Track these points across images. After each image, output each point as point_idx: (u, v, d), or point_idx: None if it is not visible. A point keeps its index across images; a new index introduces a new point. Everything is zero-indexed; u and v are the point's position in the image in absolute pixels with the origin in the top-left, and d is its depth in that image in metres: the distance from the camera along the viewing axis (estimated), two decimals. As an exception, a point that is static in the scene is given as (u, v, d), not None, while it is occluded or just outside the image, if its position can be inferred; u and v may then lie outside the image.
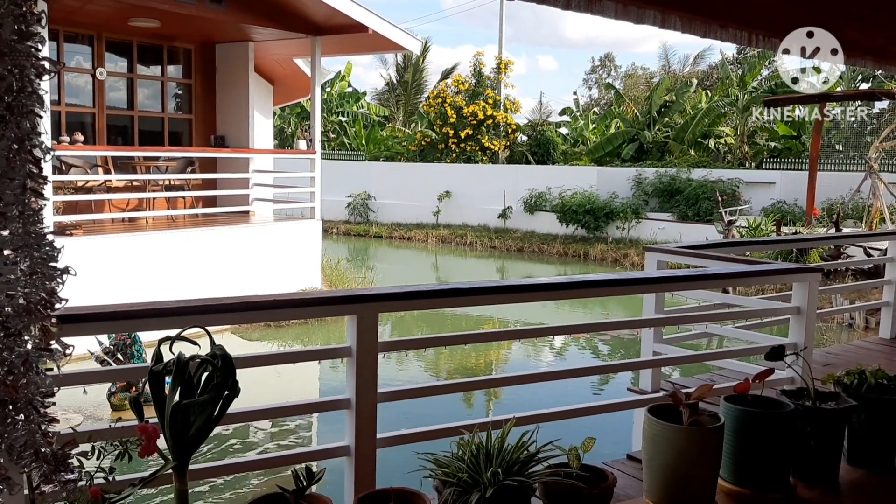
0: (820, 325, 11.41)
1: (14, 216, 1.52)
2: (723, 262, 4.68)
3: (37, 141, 1.55)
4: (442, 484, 2.08)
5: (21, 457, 1.53)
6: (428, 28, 79.09)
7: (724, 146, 26.22)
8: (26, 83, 1.52)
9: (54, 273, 1.59)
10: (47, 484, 1.58)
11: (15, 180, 1.51)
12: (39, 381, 1.56)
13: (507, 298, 3.79)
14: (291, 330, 11.82)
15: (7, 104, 1.50)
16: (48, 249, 1.59)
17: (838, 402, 2.68)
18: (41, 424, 1.57)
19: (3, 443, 1.52)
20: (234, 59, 14.31)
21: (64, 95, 12.65)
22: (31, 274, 1.55)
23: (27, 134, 1.53)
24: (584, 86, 46.25)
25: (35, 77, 1.53)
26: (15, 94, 1.50)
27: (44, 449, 1.55)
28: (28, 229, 1.55)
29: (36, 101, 1.54)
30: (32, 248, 1.55)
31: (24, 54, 1.50)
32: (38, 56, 1.54)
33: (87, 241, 10.36)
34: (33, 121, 1.54)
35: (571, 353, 11.71)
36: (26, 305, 1.53)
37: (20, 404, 1.53)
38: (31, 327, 1.55)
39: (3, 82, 1.48)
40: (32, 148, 1.54)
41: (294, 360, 3.06)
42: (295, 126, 30.54)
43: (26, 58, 1.51)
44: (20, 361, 1.52)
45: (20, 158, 1.51)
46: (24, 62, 1.50)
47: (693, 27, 4.00)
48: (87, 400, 7.96)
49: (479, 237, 23.15)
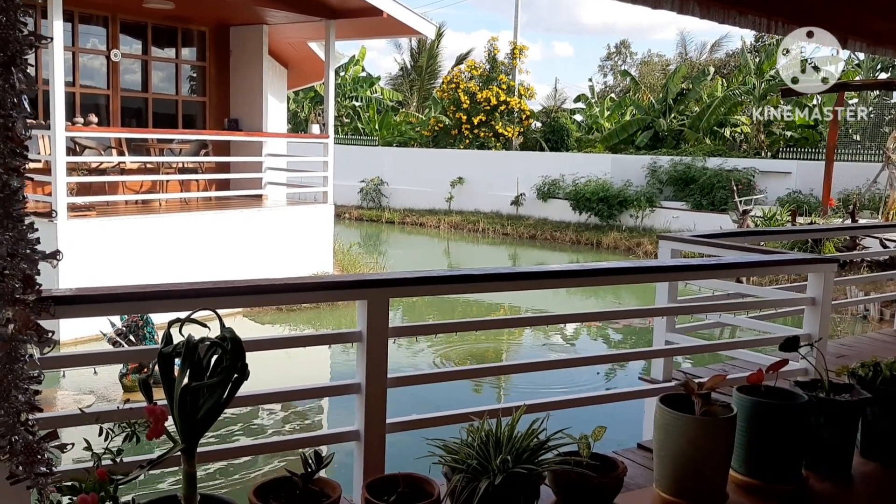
0: (834, 317, 11.32)
1: None
2: (737, 252, 4.64)
3: (20, 118, 1.49)
4: (451, 470, 2.07)
5: None
6: (443, 13, 78.63)
7: (740, 135, 26.02)
8: (10, 58, 1.46)
9: (34, 256, 1.55)
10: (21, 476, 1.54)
11: None
12: (21, 367, 1.52)
13: (519, 285, 3.77)
14: (303, 314, 11.84)
15: None
16: (27, 231, 1.53)
17: (852, 395, 2.65)
18: (21, 412, 1.52)
19: None
20: (249, 42, 14.29)
21: (78, 77, 12.67)
22: (10, 256, 1.50)
23: (9, 111, 1.47)
24: (600, 72, 46.00)
25: (19, 52, 1.47)
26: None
27: (16, 438, 1.52)
28: (7, 210, 1.49)
29: (20, 76, 1.48)
30: (10, 229, 1.50)
31: (5, 25, 1.44)
32: (24, 30, 1.48)
33: (100, 223, 10.40)
34: (18, 97, 1.49)
35: (583, 342, 11.68)
36: (3, 288, 1.49)
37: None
38: (9, 311, 1.51)
39: None
40: (13, 125, 1.48)
41: (304, 343, 3.05)
42: (309, 110, 30.51)
43: (9, 30, 1.45)
44: (0, 346, 1.48)
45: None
46: (7, 34, 1.45)
47: (711, 13, 3.95)
48: (99, 381, 8.02)
49: (492, 224, 23.09)
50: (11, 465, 1.53)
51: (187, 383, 1.72)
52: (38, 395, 1.58)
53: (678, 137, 26.44)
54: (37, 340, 1.55)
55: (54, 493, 1.61)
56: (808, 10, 4.51)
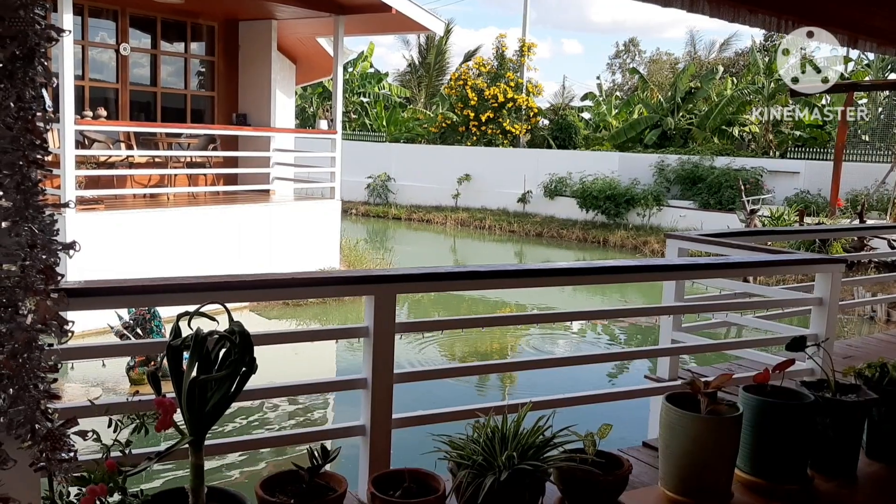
0: (841, 318, 11.29)
1: (13, 187, 1.49)
2: (744, 251, 4.63)
3: (39, 111, 1.51)
4: (456, 466, 2.08)
5: (18, 434, 1.51)
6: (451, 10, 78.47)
7: (748, 134, 25.93)
8: (29, 51, 1.47)
9: (54, 247, 1.57)
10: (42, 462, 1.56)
11: (16, 151, 1.47)
12: (39, 356, 1.54)
13: (525, 282, 3.77)
14: (310, 309, 11.87)
15: (9, 72, 1.46)
16: (48, 223, 1.55)
17: (859, 395, 2.64)
18: (40, 400, 1.54)
19: (3, 418, 1.51)
20: (257, 37, 14.31)
21: (88, 70, 12.70)
22: (31, 247, 1.52)
23: (29, 103, 1.49)
24: (608, 70, 45.90)
25: (37, 45, 1.48)
26: (17, 62, 1.46)
27: (38, 426, 1.53)
28: (28, 201, 1.51)
29: (40, 69, 1.50)
30: (31, 220, 1.52)
31: (25, 20, 1.45)
32: (42, 23, 1.49)
33: (108, 216, 10.44)
34: (37, 90, 1.50)
35: (588, 341, 11.67)
36: (24, 279, 1.51)
37: (18, 379, 1.50)
38: (29, 301, 1.52)
39: (4, 50, 1.44)
40: (33, 117, 1.50)
41: (312, 338, 3.07)
42: (317, 106, 30.52)
43: (29, 24, 1.46)
44: (20, 335, 1.49)
45: (19, 128, 1.47)
46: (26, 28, 1.45)
47: (722, 11, 3.94)
48: (107, 374, 8.05)
49: (498, 221, 23.07)
50: (34, 453, 1.55)
51: (195, 376, 1.74)
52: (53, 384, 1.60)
53: (686, 136, 26.37)
54: (58, 330, 1.57)
55: (62, 485, 1.63)
56: (818, 8, 4.49)
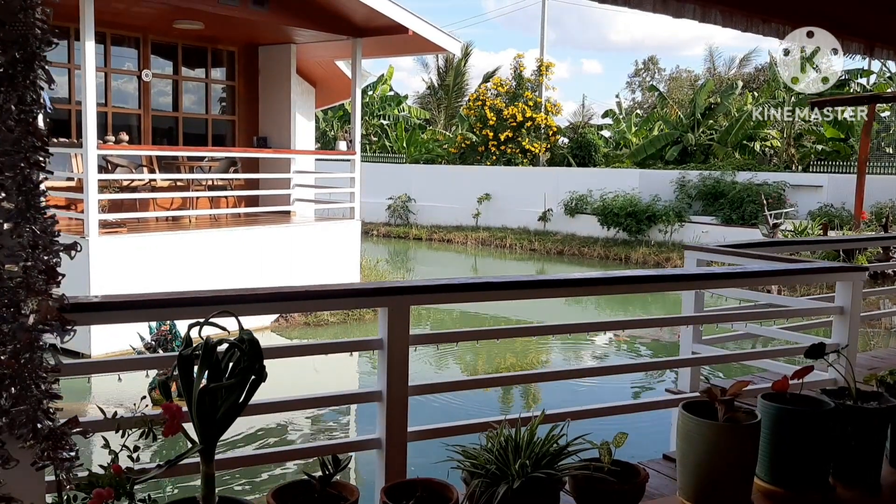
0: (867, 330, 11.12)
1: (14, 189, 1.51)
2: (763, 261, 4.59)
3: (39, 113, 1.53)
4: (469, 475, 2.06)
5: (20, 433, 1.52)
6: (470, 32, 79.27)
7: (769, 149, 25.75)
8: (30, 54, 1.50)
9: (56, 248, 1.58)
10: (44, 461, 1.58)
11: (18, 153, 1.50)
12: (41, 356, 1.55)
13: (541, 293, 3.75)
14: (330, 329, 11.89)
15: (10, 75, 1.49)
16: (49, 224, 1.57)
17: (881, 402, 2.59)
18: (42, 400, 1.55)
19: (4, 417, 1.53)
20: (277, 62, 14.47)
21: (111, 97, 12.92)
22: (33, 247, 1.54)
23: (30, 106, 1.51)
24: (628, 88, 45.91)
25: (38, 49, 1.51)
26: (18, 66, 1.48)
27: (40, 425, 1.55)
28: (30, 203, 1.53)
29: (40, 73, 1.52)
30: (33, 221, 1.54)
31: (25, 24, 1.47)
32: (42, 27, 1.51)
33: (131, 239, 10.56)
34: (37, 93, 1.52)
35: (610, 359, 11.58)
36: (26, 279, 1.53)
37: (20, 379, 1.52)
38: (31, 302, 1.54)
39: (6, 53, 1.47)
40: (34, 120, 1.52)
41: (327, 351, 3.06)
42: (337, 129, 30.75)
43: (29, 28, 1.48)
44: (22, 336, 1.51)
45: (20, 131, 1.50)
46: (27, 32, 1.48)
47: (734, 21, 3.93)
48: (129, 394, 8.09)
49: (519, 240, 23.04)
50: (36, 452, 1.56)
51: (205, 385, 1.74)
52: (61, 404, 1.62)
53: (707, 152, 26.23)
54: (60, 330, 1.58)
55: (70, 490, 1.63)
56: (834, 17, 4.46)
